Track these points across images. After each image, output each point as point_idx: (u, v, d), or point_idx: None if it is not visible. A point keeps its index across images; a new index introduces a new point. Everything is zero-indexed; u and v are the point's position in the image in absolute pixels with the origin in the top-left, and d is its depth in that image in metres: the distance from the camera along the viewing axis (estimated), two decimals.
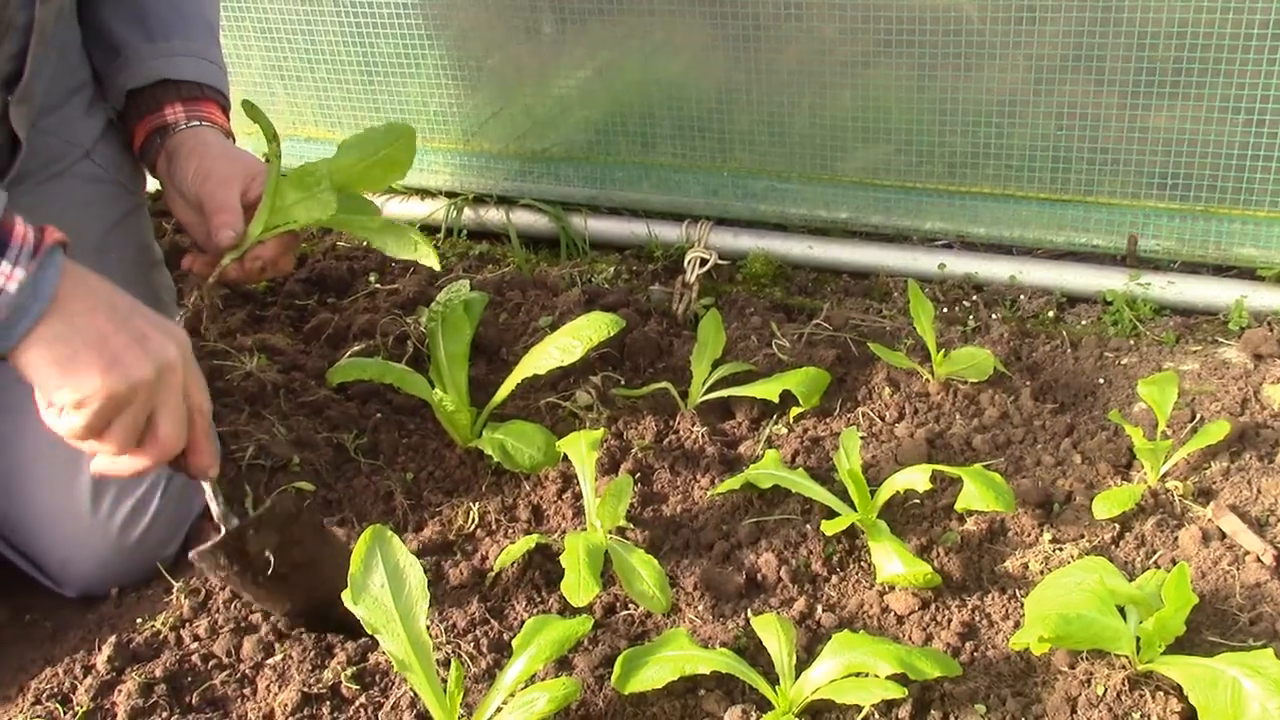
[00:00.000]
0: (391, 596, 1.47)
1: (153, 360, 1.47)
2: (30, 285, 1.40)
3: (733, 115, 2.73)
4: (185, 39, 1.99)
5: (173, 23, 1.99)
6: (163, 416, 1.51)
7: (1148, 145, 2.39)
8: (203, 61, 2.00)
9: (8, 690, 1.71)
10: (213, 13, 2.10)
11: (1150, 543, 1.82)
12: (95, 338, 1.45)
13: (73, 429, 1.47)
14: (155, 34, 1.98)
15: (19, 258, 1.40)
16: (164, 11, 2.00)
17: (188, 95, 1.96)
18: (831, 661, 1.52)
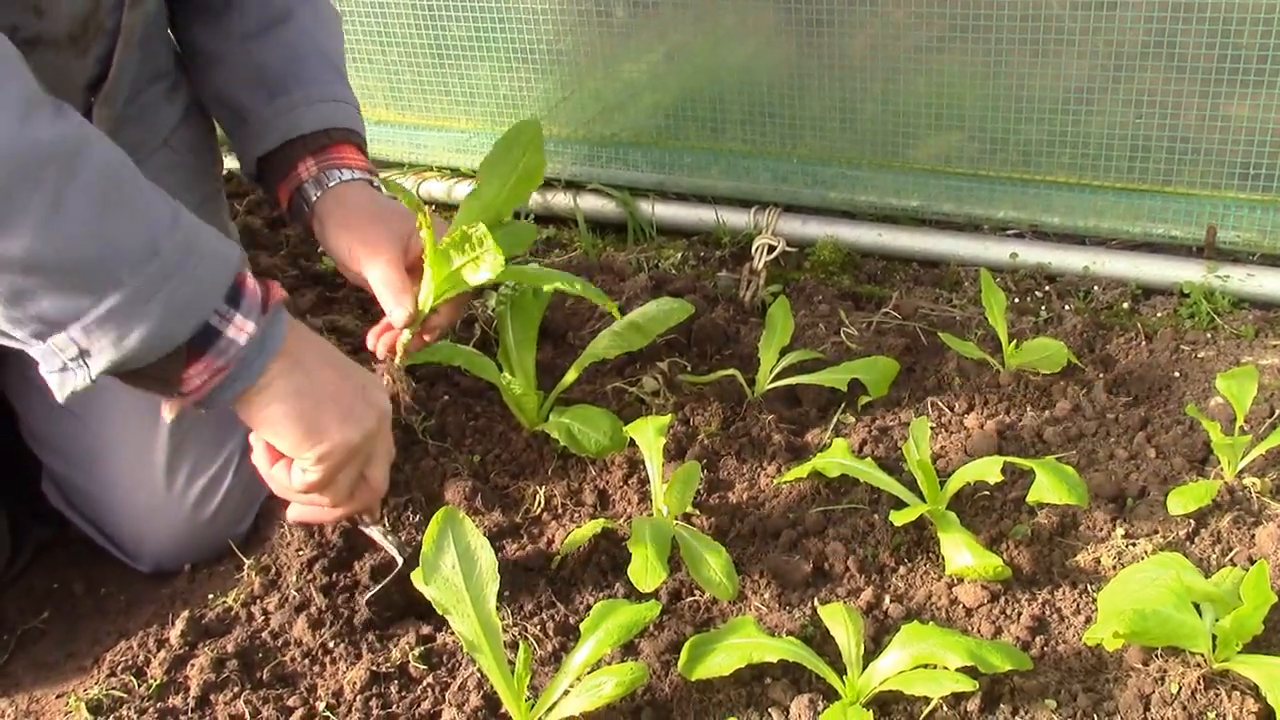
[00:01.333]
0: (462, 578, 1.48)
1: (375, 410, 1.55)
2: (259, 340, 1.42)
3: (803, 101, 2.71)
4: (304, 86, 1.93)
5: (290, 73, 1.93)
6: (376, 465, 1.60)
7: (1229, 135, 2.34)
8: (325, 105, 1.93)
9: (83, 661, 1.75)
10: (331, 42, 2.03)
11: (1226, 540, 1.79)
12: (331, 391, 1.50)
13: (311, 483, 1.52)
14: (275, 91, 1.92)
15: (251, 310, 1.42)
16: (279, 64, 1.94)
17: (316, 146, 1.91)
18: (900, 652, 1.51)
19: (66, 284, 1.28)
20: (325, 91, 1.94)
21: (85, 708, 1.61)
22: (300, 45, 1.96)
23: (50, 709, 1.67)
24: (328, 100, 1.93)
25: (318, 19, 2.01)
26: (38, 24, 1.58)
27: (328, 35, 2.03)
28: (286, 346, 1.46)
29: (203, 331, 1.37)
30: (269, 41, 1.95)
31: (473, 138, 3.15)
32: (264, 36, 1.95)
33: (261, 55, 1.94)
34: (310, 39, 1.98)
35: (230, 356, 1.40)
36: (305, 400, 1.47)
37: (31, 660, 1.78)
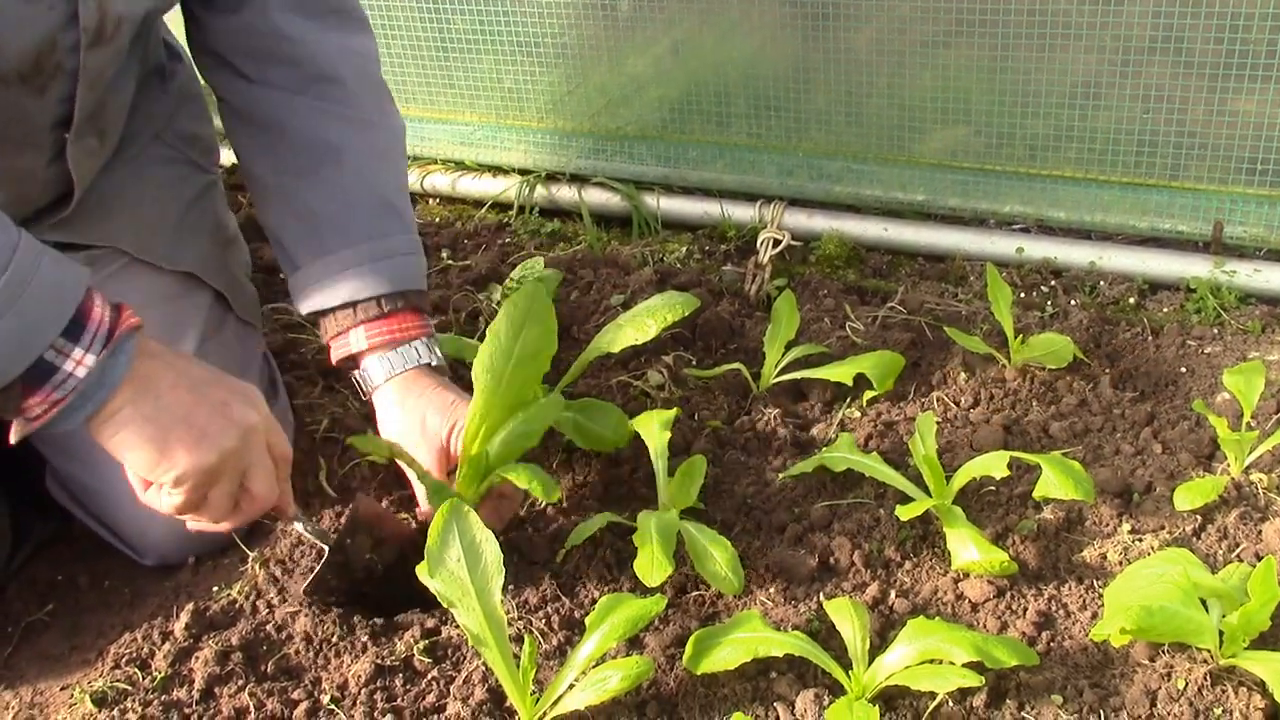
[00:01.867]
0: (467, 570, 1.47)
1: (236, 427, 1.52)
2: (98, 371, 1.42)
3: (809, 95, 2.71)
4: (356, 241, 1.86)
5: (346, 225, 1.86)
6: (254, 478, 1.57)
7: (1236, 130, 2.34)
8: (381, 264, 1.85)
9: (87, 654, 1.74)
10: (387, 177, 1.94)
11: (1233, 536, 1.78)
12: (182, 414, 1.48)
13: (174, 505, 1.52)
14: (328, 244, 1.85)
15: (92, 343, 1.41)
16: (335, 213, 1.86)
17: (369, 316, 1.86)
18: (906, 647, 1.51)
19: None
20: (385, 246, 1.87)
21: (90, 700, 1.61)
22: (353, 190, 1.88)
23: (54, 701, 1.67)
24: (381, 259, 1.86)
25: (373, 150, 1.93)
26: None
27: (383, 169, 1.94)
28: (134, 372, 1.45)
29: (38, 365, 1.37)
30: (320, 185, 1.87)
31: (477, 131, 3.14)
32: (314, 177, 1.88)
33: (312, 199, 1.87)
34: (363, 180, 1.89)
35: (67, 389, 1.40)
36: (152, 426, 1.46)
37: (36, 652, 1.78)
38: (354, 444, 1.77)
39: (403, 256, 1.88)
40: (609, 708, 1.53)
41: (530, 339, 1.73)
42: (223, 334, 1.96)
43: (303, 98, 1.88)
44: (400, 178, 1.98)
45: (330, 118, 1.88)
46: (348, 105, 1.90)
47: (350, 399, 2.20)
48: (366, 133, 1.92)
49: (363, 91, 1.93)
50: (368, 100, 1.94)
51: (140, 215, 1.89)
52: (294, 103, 1.87)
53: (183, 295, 1.92)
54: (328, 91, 1.89)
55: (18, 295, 1.35)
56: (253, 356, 2.02)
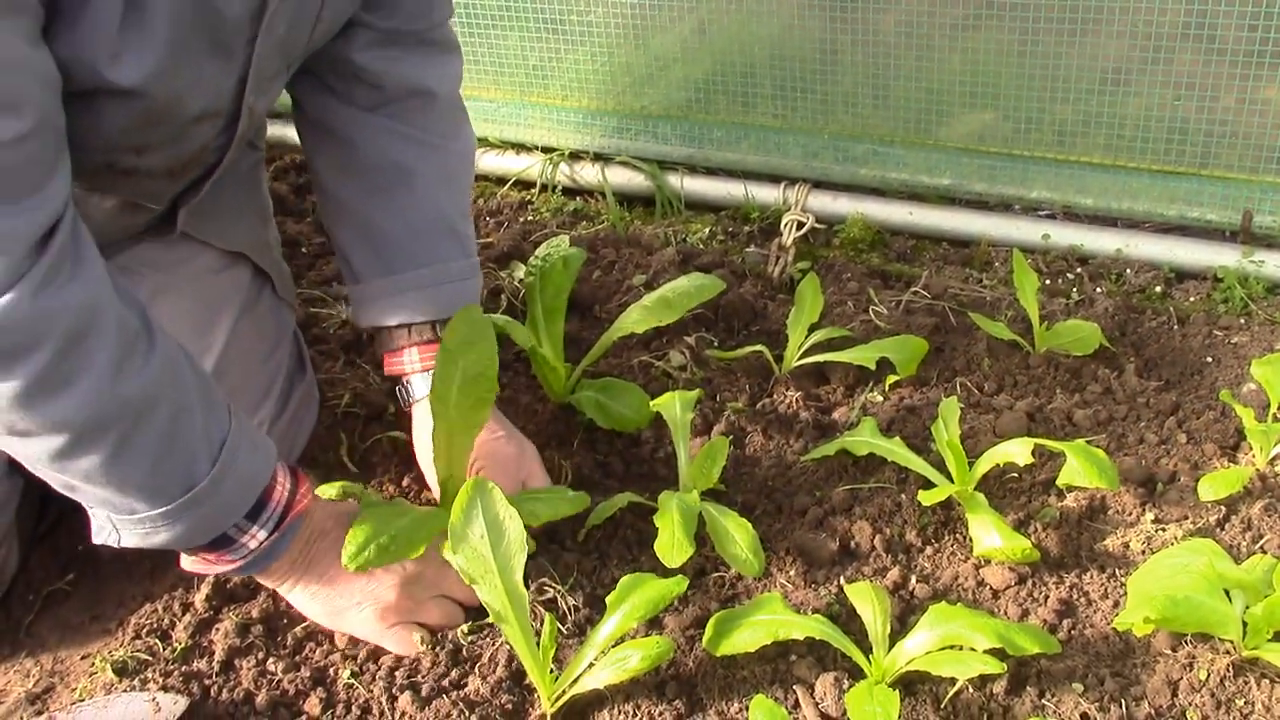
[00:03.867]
0: (490, 547, 1.47)
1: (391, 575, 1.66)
2: (269, 546, 1.56)
3: (835, 76, 2.69)
4: (419, 265, 1.88)
5: (409, 248, 1.89)
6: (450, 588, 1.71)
7: (1268, 119, 2.32)
8: (441, 289, 1.88)
9: (108, 624, 1.75)
10: (454, 201, 1.96)
11: (1257, 527, 1.77)
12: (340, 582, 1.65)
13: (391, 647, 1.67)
14: (392, 264, 1.88)
15: (267, 521, 1.55)
16: (398, 233, 1.89)
17: (423, 339, 1.89)
18: (928, 633, 1.50)
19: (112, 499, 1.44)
20: (439, 273, 1.89)
21: (111, 669, 1.62)
22: (420, 214, 1.90)
23: (75, 670, 1.68)
24: (442, 284, 1.89)
25: (444, 173, 1.95)
26: (135, 160, 1.59)
27: (452, 192, 1.96)
28: (299, 553, 1.61)
29: (220, 536, 1.52)
30: (389, 205, 1.89)
31: (500, 107, 3.13)
32: (383, 197, 1.89)
33: (380, 219, 1.89)
34: (432, 204, 1.91)
35: (239, 556, 1.55)
36: (316, 596, 1.64)
37: (56, 621, 1.79)
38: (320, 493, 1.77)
39: (460, 282, 1.91)
40: (628, 687, 1.53)
41: (470, 363, 1.73)
42: (258, 310, 1.96)
43: (378, 116, 1.89)
44: (465, 200, 2.00)
45: (404, 139, 1.89)
46: (423, 129, 1.91)
47: (371, 374, 2.20)
48: (437, 156, 1.93)
49: (440, 114, 1.95)
50: (444, 123, 1.96)
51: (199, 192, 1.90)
52: (370, 120, 1.89)
53: (225, 270, 1.93)
54: (404, 113, 1.90)
55: (218, 489, 1.48)
56: (285, 333, 2.02)
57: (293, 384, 2.00)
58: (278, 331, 2.00)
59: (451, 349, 1.73)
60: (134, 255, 1.86)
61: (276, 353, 1.97)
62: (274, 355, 1.96)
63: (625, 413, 2.02)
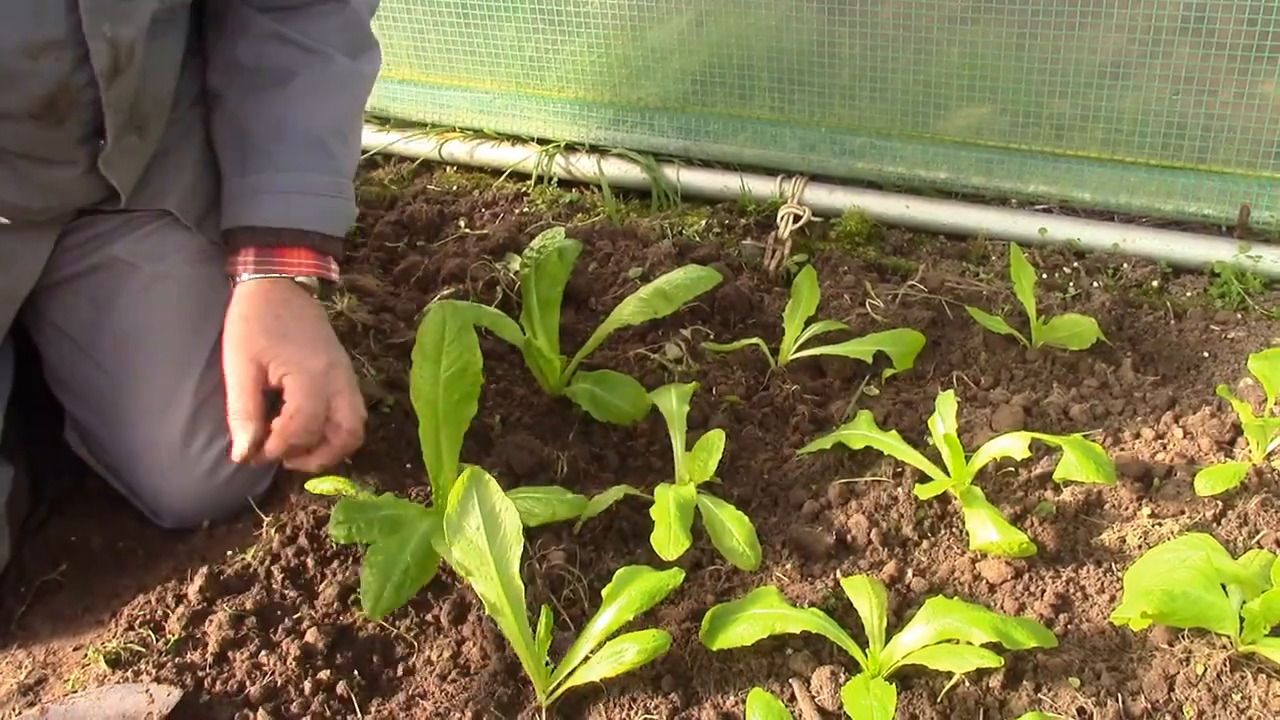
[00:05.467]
0: (486, 539, 1.46)
1: None
2: None
3: (832, 69, 2.68)
4: (274, 170, 1.84)
5: (267, 151, 1.85)
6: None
7: (1266, 114, 2.31)
8: (292, 197, 1.84)
9: (100, 615, 1.74)
10: (326, 113, 1.90)
11: (1254, 522, 1.77)
12: None
13: None
14: (249, 164, 1.84)
15: None
16: (263, 132, 1.86)
17: (263, 242, 1.84)
18: (924, 626, 1.50)
19: None
20: (299, 181, 1.84)
21: (104, 660, 1.61)
22: (288, 119, 1.86)
23: (67, 661, 1.67)
24: (292, 192, 1.84)
25: (324, 84, 1.90)
26: None
27: (328, 105, 1.91)
28: None
29: None
30: (259, 106, 1.86)
31: (496, 99, 3.12)
32: (257, 98, 1.87)
33: (250, 120, 1.86)
34: (304, 111, 1.87)
35: None
36: None
37: (49, 612, 1.78)
38: (311, 488, 1.76)
39: (315, 196, 1.85)
40: (624, 680, 1.52)
41: (450, 361, 1.74)
42: None
43: (267, 17, 1.86)
44: (342, 118, 1.93)
45: (287, 44, 1.86)
46: (313, 36, 1.88)
47: (366, 365, 2.19)
48: (321, 66, 1.89)
49: (336, 26, 1.91)
50: (338, 35, 1.92)
51: (184, 178, 1.88)
52: (257, 20, 1.86)
53: (208, 264, 1.91)
54: (296, 19, 1.87)
55: None
56: None
57: None
58: None
59: (428, 350, 1.74)
60: (126, 247, 1.85)
61: None
62: None
63: (621, 405, 2.01)
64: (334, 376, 1.78)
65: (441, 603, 1.67)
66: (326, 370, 1.77)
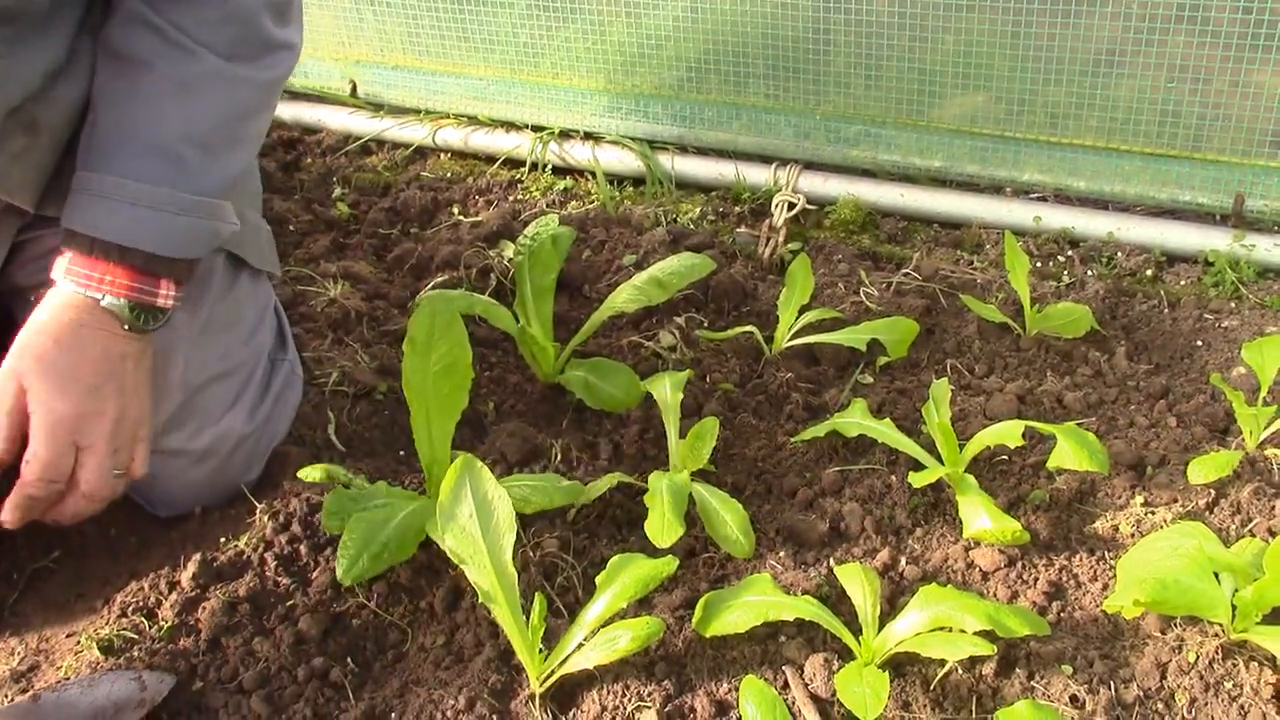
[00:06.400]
0: (479, 527, 1.46)
1: None
2: None
3: (828, 57, 2.68)
4: (110, 172, 1.63)
5: (108, 146, 1.65)
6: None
7: (1260, 102, 2.31)
8: (119, 206, 1.61)
9: (93, 602, 1.74)
10: (179, 126, 1.66)
11: (1246, 510, 1.77)
12: None
13: None
14: (89, 158, 1.65)
15: None
16: (108, 126, 1.66)
17: (80, 249, 1.62)
18: (918, 614, 1.50)
19: None
20: (127, 190, 1.62)
21: (97, 647, 1.61)
22: (134, 118, 1.65)
23: (60, 648, 1.67)
24: (121, 201, 1.61)
25: (178, 83, 1.67)
26: None
27: (182, 107, 1.67)
28: None
29: None
30: (112, 97, 1.67)
31: (491, 85, 3.11)
32: (113, 87, 1.68)
33: (100, 108, 1.67)
34: (153, 111, 1.66)
35: None
36: None
37: (42, 599, 1.78)
38: (303, 476, 1.74)
39: (150, 210, 1.63)
40: (617, 668, 1.52)
41: (441, 354, 1.74)
42: (233, 295, 1.92)
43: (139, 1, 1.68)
44: (204, 125, 1.69)
45: (152, 31, 1.66)
46: (184, 29, 1.67)
47: (360, 352, 2.19)
48: (184, 62, 1.67)
49: (206, 17, 1.68)
50: (208, 30, 1.68)
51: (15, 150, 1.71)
52: (129, 2, 1.69)
53: None
54: (164, 4, 1.67)
55: None
56: (264, 312, 1.99)
57: (274, 364, 1.98)
58: (255, 313, 1.97)
59: (419, 341, 1.73)
60: None
61: (257, 334, 1.95)
62: (254, 338, 1.94)
63: (614, 393, 2.01)
64: (87, 427, 1.57)
65: (435, 590, 1.67)
66: (76, 417, 1.56)
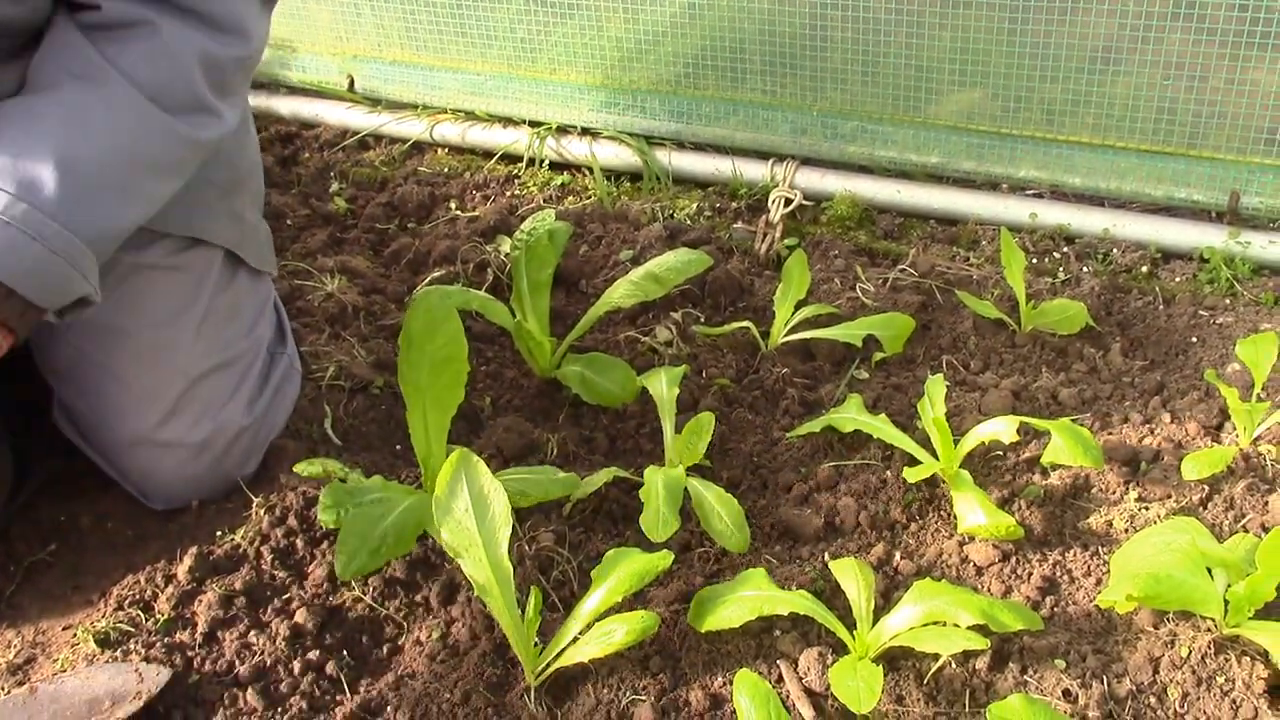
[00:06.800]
0: (475, 521, 1.47)
1: None
2: None
3: (825, 53, 2.68)
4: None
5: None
6: None
7: (1256, 100, 2.32)
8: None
9: (90, 594, 1.74)
10: (54, 146, 1.50)
11: (1239, 506, 1.78)
12: None
13: None
14: None
15: None
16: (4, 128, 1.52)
17: None
18: (912, 609, 1.50)
19: None
20: None
21: (93, 640, 1.61)
22: (16, 128, 1.52)
23: (57, 640, 1.67)
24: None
25: (78, 105, 1.55)
26: None
27: (76, 128, 1.53)
28: None
29: None
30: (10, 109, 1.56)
31: (488, 80, 3.11)
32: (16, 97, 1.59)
33: None
34: (40, 123, 1.53)
35: None
36: None
37: (38, 592, 1.78)
38: (300, 470, 1.75)
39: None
40: (612, 661, 1.53)
41: (437, 348, 1.75)
42: (233, 289, 1.94)
43: (76, 28, 1.60)
44: (83, 151, 1.53)
45: (75, 53, 1.57)
46: (108, 57, 1.57)
47: (356, 347, 2.19)
48: (91, 88, 1.56)
49: (131, 52, 1.59)
50: (134, 64, 1.59)
51: None
52: (64, 25, 1.60)
53: (190, 251, 1.89)
54: (95, 36, 1.59)
55: None
56: (263, 308, 2.00)
57: (273, 357, 1.99)
58: (254, 308, 1.98)
59: (415, 336, 1.73)
60: None
61: (256, 328, 1.96)
62: (253, 331, 1.95)
63: (611, 388, 2.01)
64: None
65: (431, 584, 1.67)
66: None
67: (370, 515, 1.62)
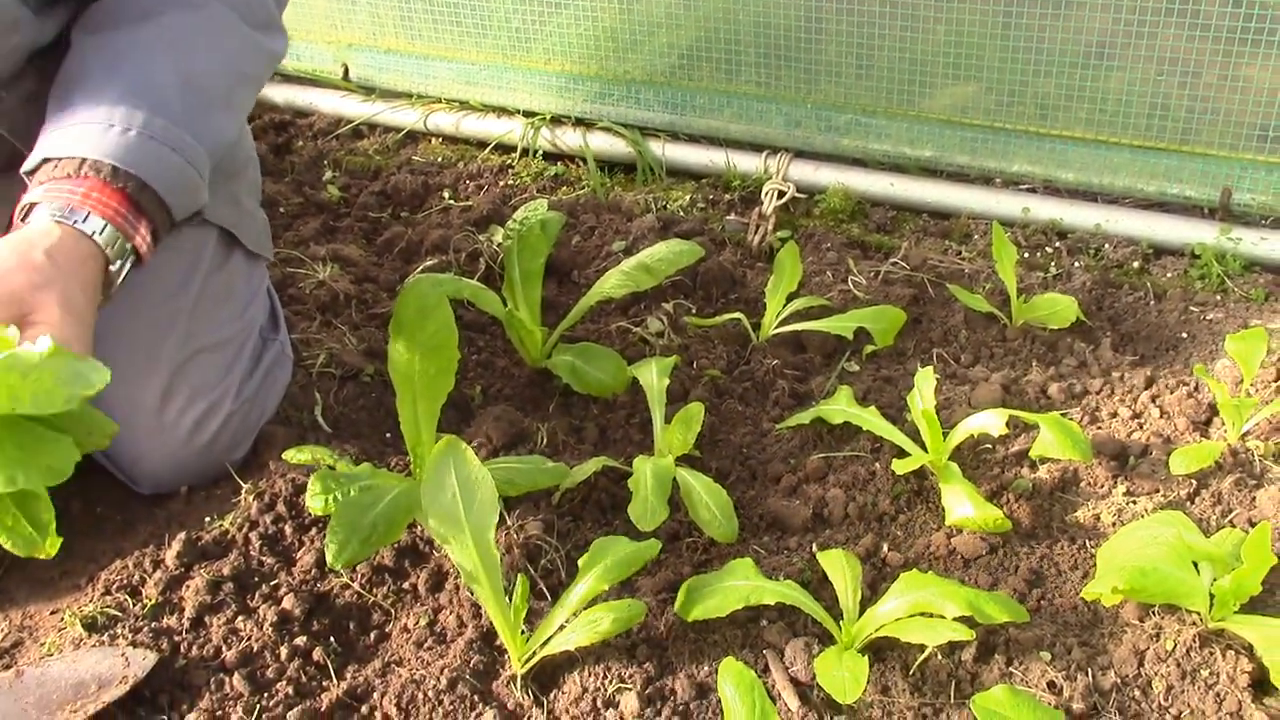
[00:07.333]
0: (462, 507, 1.47)
1: None
2: None
3: (819, 46, 2.68)
4: (75, 111, 1.57)
5: (97, 86, 1.58)
6: None
7: (1249, 96, 2.32)
8: (90, 127, 1.54)
9: (78, 579, 1.74)
10: (174, 70, 1.63)
11: (1227, 501, 1.78)
12: None
13: None
14: (61, 109, 1.58)
15: None
16: (98, 69, 1.61)
17: (58, 174, 1.53)
18: (898, 599, 1.51)
19: None
20: (117, 115, 1.56)
21: (80, 624, 1.61)
22: (132, 60, 1.62)
23: (44, 624, 1.67)
24: (91, 124, 1.55)
25: (183, 30, 1.67)
26: None
27: (188, 52, 1.66)
28: None
29: None
30: (107, 43, 1.64)
31: (482, 70, 3.11)
32: (108, 37, 1.65)
33: (89, 55, 1.63)
34: (154, 54, 1.63)
35: None
36: None
37: (26, 576, 1.77)
38: (289, 458, 1.74)
39: (138, 134, 1.56)
40: (599, 650, 1.53)
41: (428, 336, 1.75)
42: (227, 269, 1.94)
43: None
44: (199, 67, 1.67)
45: None
46: None
47: (348, 335, 2.19)
48: (190, 10, 1.69)
49: None
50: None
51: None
52: None
53: (185, 232, 1.89)
54: None
55: None
56: (257, 292, 2.00)
57: (265, 342, 1.99)
58: (248, 291, 1.98)
59: (406, 324, 1.73)
60: None
61: (249, 310, 1.96)
62: (246, 313, 1.95)
63: (601, 378, 2.01)
64: None
65: (419, 571, 1.67)
66: None
67: (360, 503, 1.61)
